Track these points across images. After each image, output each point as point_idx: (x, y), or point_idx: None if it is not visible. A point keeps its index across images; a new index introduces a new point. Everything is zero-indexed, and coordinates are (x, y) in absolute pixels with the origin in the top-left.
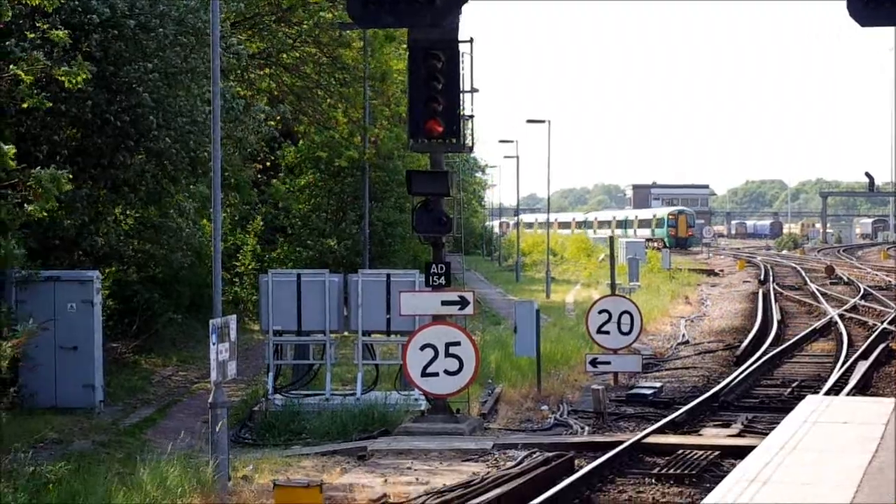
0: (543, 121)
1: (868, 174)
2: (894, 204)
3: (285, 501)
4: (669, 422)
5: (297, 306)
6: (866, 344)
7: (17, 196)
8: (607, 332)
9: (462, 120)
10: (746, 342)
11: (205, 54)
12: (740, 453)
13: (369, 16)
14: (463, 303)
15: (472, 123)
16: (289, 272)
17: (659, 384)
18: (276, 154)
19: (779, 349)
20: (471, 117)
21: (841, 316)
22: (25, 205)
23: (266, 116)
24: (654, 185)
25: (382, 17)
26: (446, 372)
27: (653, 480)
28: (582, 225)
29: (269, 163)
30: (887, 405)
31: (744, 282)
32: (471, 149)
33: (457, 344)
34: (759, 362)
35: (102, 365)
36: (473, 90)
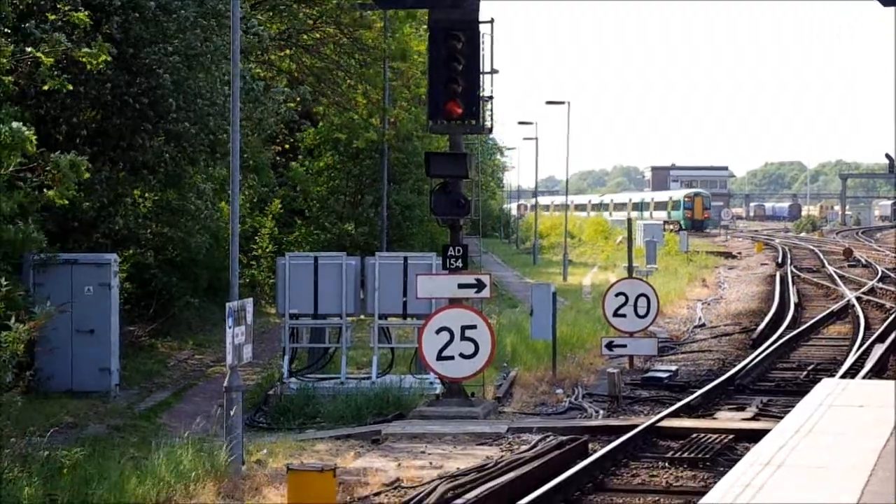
0: (563, 102)
1: (888, 156)
2: None
3: (298, 486)
4: (684, 405)
5: (314, 289)
6: (883, 327)
7: (36, 179)
8: (624, 316)
9: (481, 101)
10: (763, 325)
11: (225, 36)
12: (755, 437)
13: None
14: (480, 286)
15: (492, 105)
16: (306, 255)
17: (674, 367)
18: (295, 136)
19: (795, 332)
20: (490, 99)
21: (858, 299)
22: (45, 189)
23: (285, 98)
24: (673, 167)
25: None
26: (462, 355)
27: (667, 464)
28: (598, 207)
29: (288, 145)
30: None
31: (761, 264)
32: (490, 130)
33: (473, 327)
34: (776, 345)
35: (119, 348)
36: (493, 71)
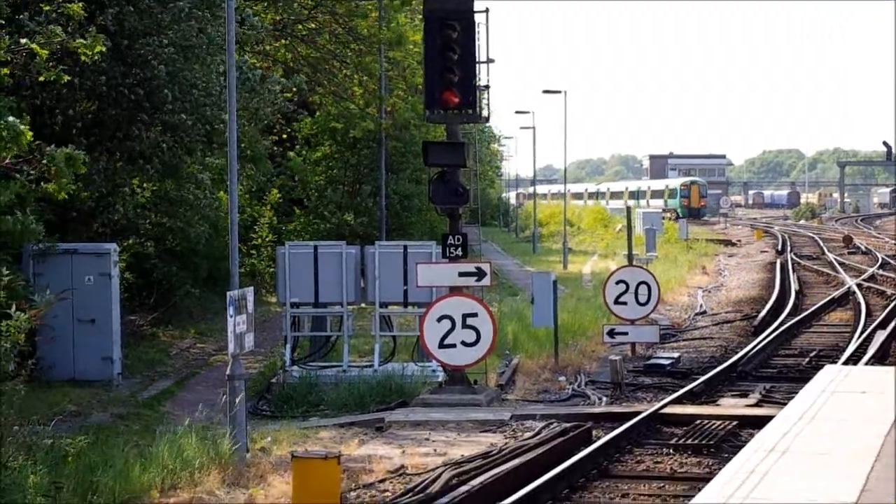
0: (560, 91)
1: (886, 143)
2: None
3: (303, 473)
4: (687, 392)
5: (315, 278)
6: (885, 313)
7: (33, 172)
8: (625, 303)
9: (478, 90)
10: (764, 312)
11: (220, 27)
12: (758, 423)
13: None
14: (480, 274)
15: (488, 94)
16: (306, 244)
17: (676, 354)
18: (293, 126)
19: (796, 319)
20: (486, 88)
21: (859, 285)
22: (42, 183)
23: (282, 88)
24: (672, 156)
25: None
26: (463, 343)
27: (670, 451)
28: (594, 196)
29: (286, 135)
30: None
31: (761, 252)
32: (487, 119)
33: (474, 315)
34: (777, 332)
35: (120, 338)
36: (489, 60)
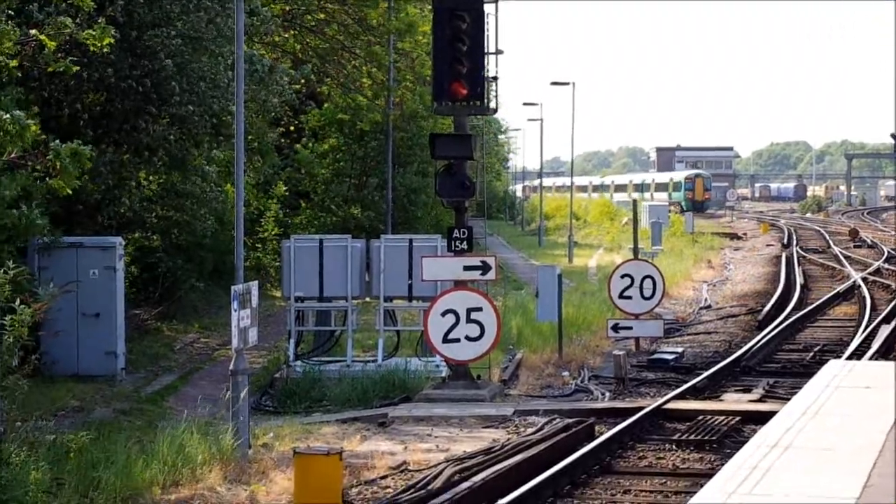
0: (568, 83)
1: (894, 136)
2: None
3: (305, 469)
4: (690, 387)
5: (320, 272)
6: (889, 308)
7: (39, 166)
8: (629, 297)
9: (486, 82)
10: (769, 306)
11: (228, 18)
12: (762, 419)
13: None
14: (485, 268)
15: (497, 86)
16: (311, 237)
17: (680, 349)
18: (300, 118)
19: (801, 313)
20: (495, 79)
21: (864, 279)
22: (47, 178)
23: (290, 80)
24: (679, 148)
25: None
26: (467, 338)
27: (673, 446)
28: (598, 189)
29: (293, 127)
30: None
31: (767, 245)
32: (495, 111)
33: (478, 309)
34: (782, 327)
35: (124, 332)
36: (498, 52)
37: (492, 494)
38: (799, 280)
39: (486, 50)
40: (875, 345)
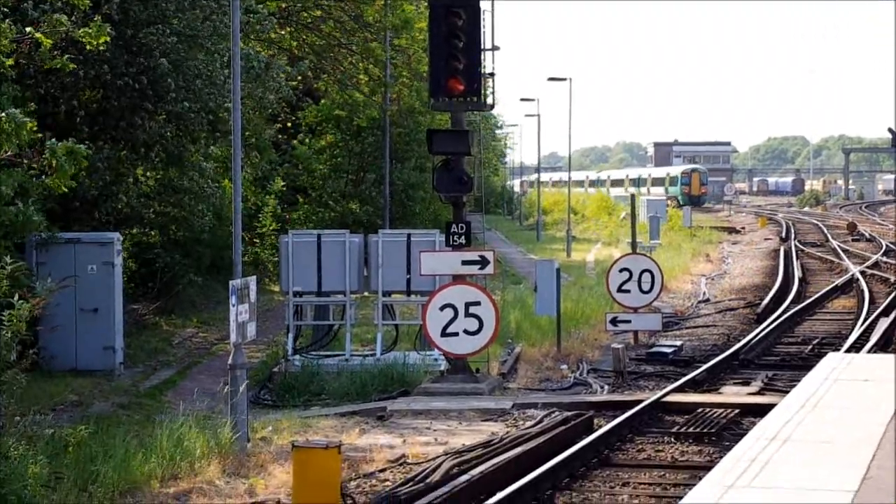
0: (565, 78)
1: (891, 130)
2: None
3: (303, 463)
4: (689, 380)
5: (318, 267)
6: (888, 301)
7: (35, 164)
8: (628, 291)
9: (483, 78)
10: (767, 300)
11: (224, 15)
12: (760, 411)
13: None
14: (483, 262)
15: (493, 82)
16: (309, 232)
17: (679, 343)
18: (297, 114)
19: (800, 306)
20: (492, 75)
21: (862, 273)
22: (43, 176)
23: (287, 77)
24: (676, 143)
25: None
26: (466, 332)
27: (672, 439)
28: (595, 184)
29: (290, 123)
30: None
31: (765, 239)
32: (492, 107)
33: (477, 304)
34: (780, 320)
35: (123, 327)
36: (494, 48)
37: (490, 487)
38: (797, 273)
39: (483, 46)
40: (874, 337)
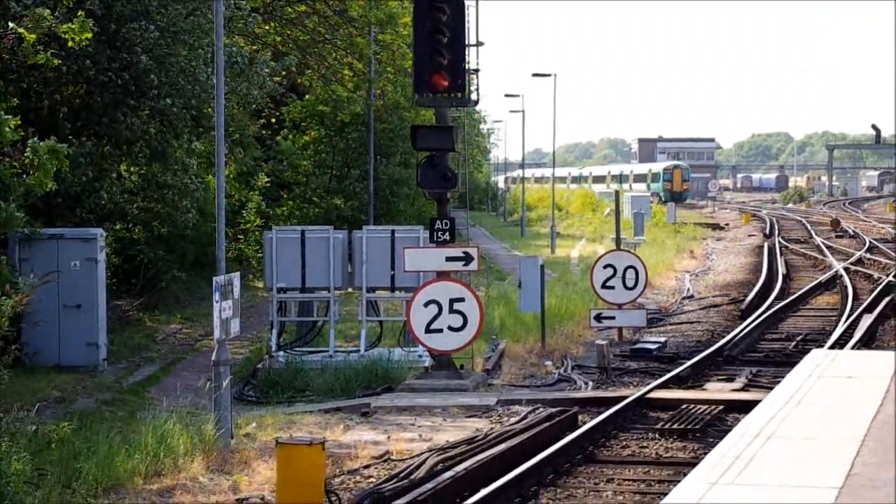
0: (549, 74)
1: (874, 126)
2: None
3: (287, 459)
4: (673, 376)
5: (302, 263)
6: (871, 297)
7: (16, 163)
8: (612, 287)
9: (467, 74)
10: (751, 296)
11: (208, 11)
12: (744, 408)
13: None
14: (467, 258)
15: (478, 77)
16: (293, 229)
17: (663, 339)
18: (281, 110)
19: (784, 303)
20: (476, 71)
21: (846, 269)
22: (24, 175)
23: (271, 72)
24: (660, 139)
25: None
26: (450, 328)
27: (656, 435)
28: (577, 180)
29: (274, 119)
30: (892, 358)
31: (749, 235)
32: (476, 103)
33: (461, 300)
34: (764, 316)
35: (106, 323)
36: (479, 44)
37: (475, 484)
38: (781, 270)
39: (467, 42)
40: (857, 334)
